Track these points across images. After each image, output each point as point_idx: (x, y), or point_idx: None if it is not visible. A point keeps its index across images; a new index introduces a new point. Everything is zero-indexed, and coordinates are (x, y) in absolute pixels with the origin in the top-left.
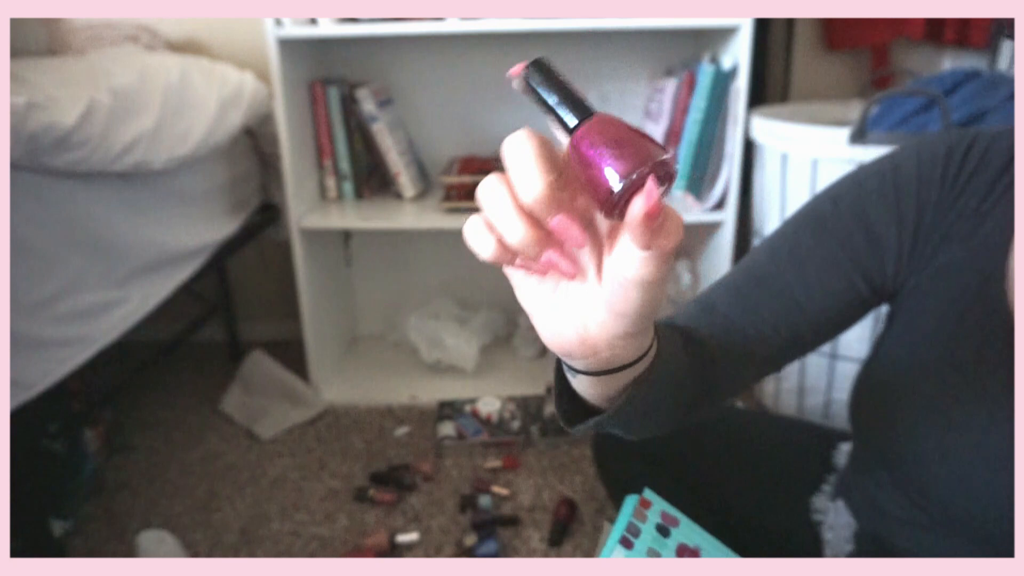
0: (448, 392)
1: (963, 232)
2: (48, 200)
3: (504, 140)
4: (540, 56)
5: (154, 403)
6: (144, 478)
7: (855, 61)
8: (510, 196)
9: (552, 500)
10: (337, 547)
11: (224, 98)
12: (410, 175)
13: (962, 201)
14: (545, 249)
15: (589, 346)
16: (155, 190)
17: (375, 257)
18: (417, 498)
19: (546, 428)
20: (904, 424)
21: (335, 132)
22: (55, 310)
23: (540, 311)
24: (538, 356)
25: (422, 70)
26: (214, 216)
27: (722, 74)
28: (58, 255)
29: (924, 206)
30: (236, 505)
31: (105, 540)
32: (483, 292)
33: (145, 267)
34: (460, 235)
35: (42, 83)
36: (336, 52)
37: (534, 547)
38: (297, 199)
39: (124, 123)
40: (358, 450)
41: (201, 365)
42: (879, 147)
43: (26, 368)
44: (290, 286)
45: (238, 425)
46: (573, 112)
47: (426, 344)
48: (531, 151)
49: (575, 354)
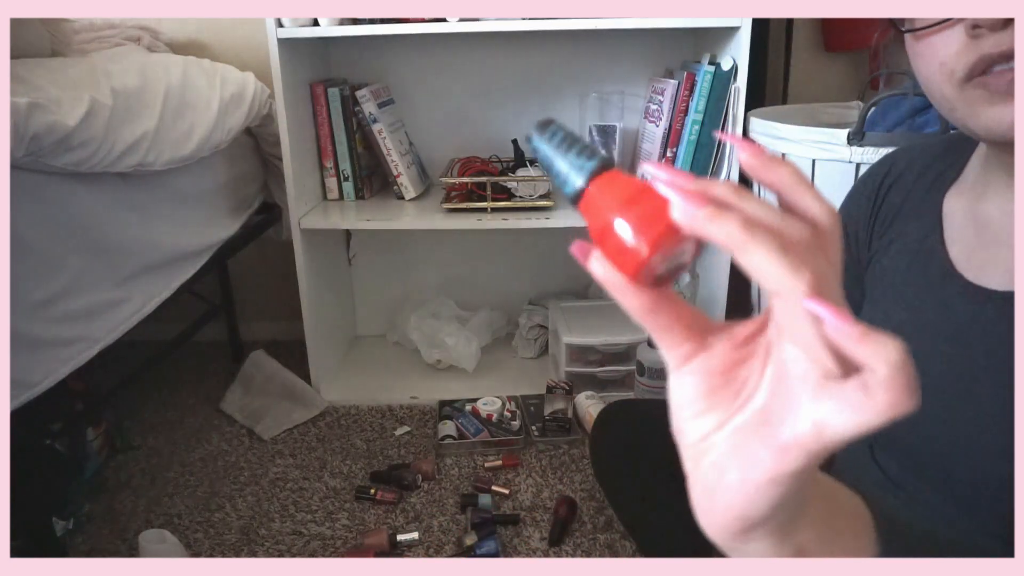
0: (448, 392)
1: (894, 225)
2: (50, 200)
3: (495, 140)
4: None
5: (156, 403)
6: (145, 478)
7: (854, 62)
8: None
9: (552, 500)
10: (338, 546)
11: (225, 99)
12: (410, 176)
13: (885, 205)
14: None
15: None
16: (156, 190)
17: (376, 257)
18: (417, 498)
19: (546, 428)
20: None
21: (336, 133)
22: (57, 310)
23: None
24: (538, 356)
25: (422, 70)
26: (215, 216)
27: (721, 74)
28: (60, 255)
29: (867, 212)
30: (237, 505)
31: (106, 539)
32: (483, 292)
33: (147, 267)
34: (460, 235)
35: (44, 84)
36: (337, 53)
37: (534, 547)
38: (298, 199)
39: (126, 124)
40: (359, 450)
41: (202, 365)
42: (877, 148)
43: (28, 368)
44: (291, 286)
45: (239, 425)
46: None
47: (426, 344)
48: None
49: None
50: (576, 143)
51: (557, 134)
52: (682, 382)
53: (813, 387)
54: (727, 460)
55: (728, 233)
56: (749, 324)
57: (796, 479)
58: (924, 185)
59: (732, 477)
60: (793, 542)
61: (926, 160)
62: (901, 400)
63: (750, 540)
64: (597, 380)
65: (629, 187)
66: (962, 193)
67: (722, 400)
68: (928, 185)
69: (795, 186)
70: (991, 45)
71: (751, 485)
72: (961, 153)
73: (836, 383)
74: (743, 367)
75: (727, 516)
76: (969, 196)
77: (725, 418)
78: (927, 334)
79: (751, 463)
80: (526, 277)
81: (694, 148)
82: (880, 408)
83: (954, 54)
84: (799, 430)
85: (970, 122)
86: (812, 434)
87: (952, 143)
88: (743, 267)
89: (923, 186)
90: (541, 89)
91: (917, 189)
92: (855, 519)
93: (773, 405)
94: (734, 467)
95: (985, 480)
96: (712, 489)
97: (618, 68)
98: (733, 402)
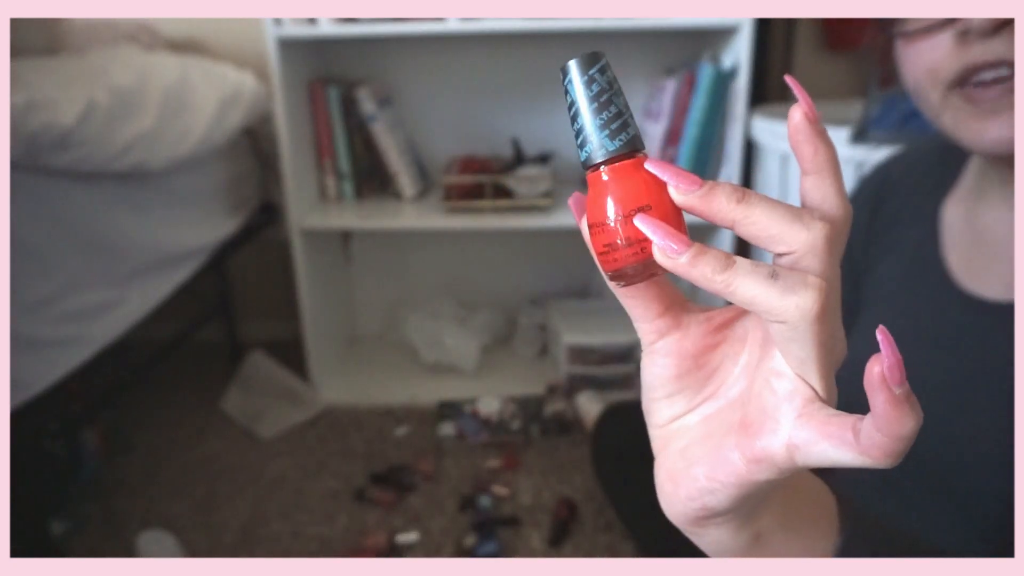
0: (448, 392)
1: (890, 232)
2: (47, 200)
3: (495, 139)
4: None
5: (154, 403)
6: (144, 478)
7: (855, 61)
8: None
9: (552, 500)
10: (337, 547)
11: (223, 98)
12: (410, 175)
13: (883, 211)
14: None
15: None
16: (154, 190)
17: (375, 257)
18: (417, 498)
19: (546, 428)
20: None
21: (335, 132)
22: (54, 310)
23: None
24: (538, 356)
25: (422, 70)
26: (214, 216)
27: (722, 74)
28: (57, 255)
29: (865, 220)
30: (236, 505)
31: (105, 540)
32: (483, 292)
33: (145, 267)
34: (460, 235)
35: (41, 83)
36: (335, 52)
37: (534, 547)
38: (297, 199)
39: (123, 123)
40: (358, 450)
41: (201, 365)
42: (880, 147)
43: (26, 368)
44: (290, 286)
45: (238, 425)
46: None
47: (426, 344)
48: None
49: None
50: (612, 103)
51: (597, 82)
52: (653, 362)
53: (797, 410)
54: (696, 451)
55: (703, 275)
56: (728, 310)
57: (764, 486)
58: (923, 191)
59: (699, 471)
60: (752, 529)
61: (924, 166)
62: (886, 461)
63: (708, 526)
64: (597, 380)
65: (637, 193)
66: (961, 200)
67: (692, 384)
68: (927, 191)
69: (827, 171)
70: (979, 52)
71: (716, 483)
72: (959, 158)
73: (820, 409)
74: (716, 352)
75: (689, 506)
76: (967, 203)
77: (696, 403)
78: (923, 342)
79: (720, 463)
80: (526, 277)
81: (695, 148)
82: (861, 458)
83: (941, 59)
84: (774, 447)
85: (954, 132)
86: (785, 455)
87: (950, 147)
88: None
89: (922, 192)
90: (541, 89)
91: (915, 195)
92: (815, 506)
93: (751, 408)
94: (703, 462)
95: (981, 488)
96: (677, 477)
97: (618, 68)
98: (703, 387)
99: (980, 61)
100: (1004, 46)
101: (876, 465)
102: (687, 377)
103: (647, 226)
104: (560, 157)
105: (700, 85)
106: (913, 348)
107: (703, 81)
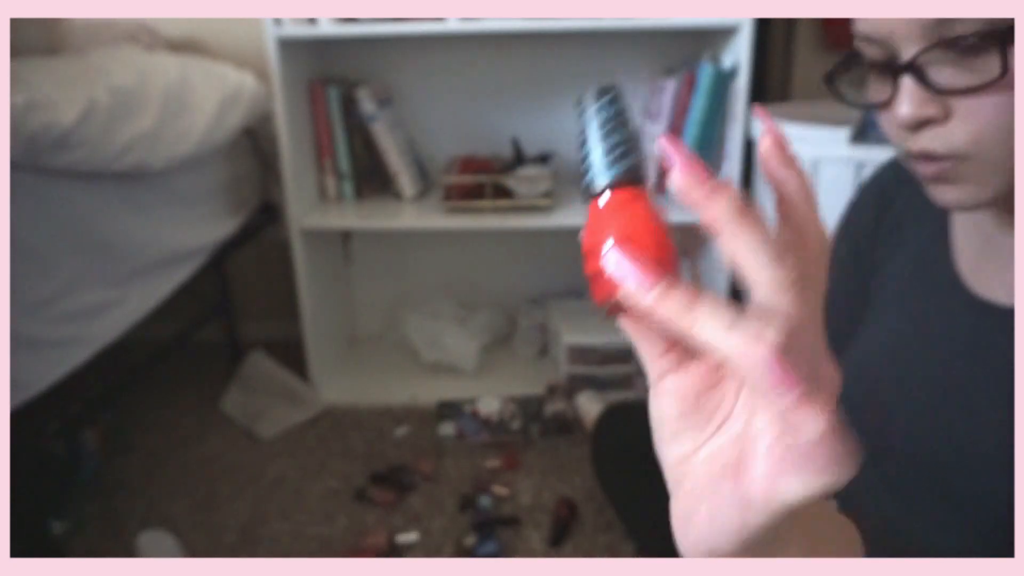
0: (448, 392)
1: (900, 232)
2: (47, 200)
3: (495, 139)
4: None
5: (154, 403)
6: (143, 478)
7: None
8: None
9: (552, 500)
10: (337, 547)
11: (223, 98)
12: (410, 175)
13: (891, 211)
14: None
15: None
16: (154, 190)
17: (375, 257)
18: (417, 498)
19: (546, 428)
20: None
21: (335, 132)
22: (54, 310)
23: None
24: (538, 356)
25: (422, 70)
26: (213, 216)
27: (722, 74)
28: (57, 255)
29: (872, 220)
30: (236, 505)
31: (104, 540)
32: (483, 292)
33: (144, 267)
34: (460, 235)
35: (41, 83)
36: (335, 52)
37: (534, 547)
38: (297, 199)
39: (123, 123)
40: (358, 450)
41: (200, 365)
42: (880, 147)
43: (25, 368)
44: (290, 286)
45: (238, 425)
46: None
47: (426, 344)
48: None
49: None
50: (617, 131)
51: (607, 110)
52: (659, 402)
53: (777, 459)
54: (701, 492)
55: (668, 315)
56: None
57: (762, 529)
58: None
59: (702, 515)
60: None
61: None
62: (837, 470)
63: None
64: (597, 380)
65: (625, 224)
66: None
67: (696, 424)
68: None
69: (799, 200)
70: (912, 140)
71: (717, 526)
72: None
73: (782, 444)
74: (717, 390)
75: (698, 547)
76: None
77: (701, 442)
78: (929, 344)
79: (719, 506)
80: (526, 277)
81: (695, 148)
82: (819, 477)
83: (893, 132)
84: (753, 490)
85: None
86: (762, 498)
87: None
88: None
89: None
90: (541, 89)
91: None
92: (843, 546)
93: (747, 447)
94: (705, 504)
95: (984, 491)
96: (688, 518)
97: (618, 68)
98: (706, 426)
99: (914, 148)
100: (930, 141)
101: (835, 477)
102: (691, 416)
103: (619, 259)
104: (560, 157)
105: (700, 85)
106: (918, 350)
107: (703, 81)
